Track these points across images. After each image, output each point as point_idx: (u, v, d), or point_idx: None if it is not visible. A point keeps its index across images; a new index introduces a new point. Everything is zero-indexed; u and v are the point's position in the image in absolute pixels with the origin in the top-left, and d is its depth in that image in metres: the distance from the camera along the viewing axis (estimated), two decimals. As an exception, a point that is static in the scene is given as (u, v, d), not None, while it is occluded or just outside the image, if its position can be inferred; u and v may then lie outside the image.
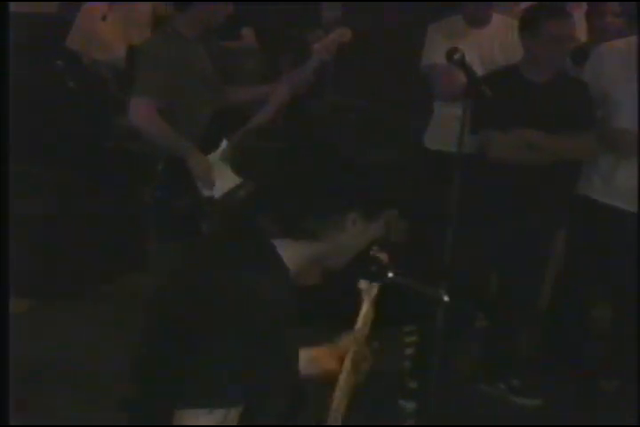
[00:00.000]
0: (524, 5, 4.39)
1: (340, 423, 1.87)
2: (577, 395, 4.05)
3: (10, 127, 2.92)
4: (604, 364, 4.19)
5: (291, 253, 1.69)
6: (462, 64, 3.38)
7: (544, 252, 4.01)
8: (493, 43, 4.25)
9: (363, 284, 2.04)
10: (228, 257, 1.65)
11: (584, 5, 4.70)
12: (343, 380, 1.90)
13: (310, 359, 1.74)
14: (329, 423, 1.86)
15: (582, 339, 4.16)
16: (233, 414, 1.54)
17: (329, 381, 1.84)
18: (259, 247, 1.66)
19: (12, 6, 6.41)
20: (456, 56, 3.37)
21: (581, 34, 4.43)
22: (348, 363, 1.91)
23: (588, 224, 3.97)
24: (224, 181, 3.64)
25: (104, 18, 6.14)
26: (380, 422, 3.74)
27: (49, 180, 5.16)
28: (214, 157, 3.69)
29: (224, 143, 3.72)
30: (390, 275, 2.04)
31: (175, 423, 1.53)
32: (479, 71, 3.67)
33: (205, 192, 3.68)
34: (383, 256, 1.98)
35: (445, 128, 4.04)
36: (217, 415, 1.52)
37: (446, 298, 2.23)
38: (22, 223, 4.61)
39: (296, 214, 1.65)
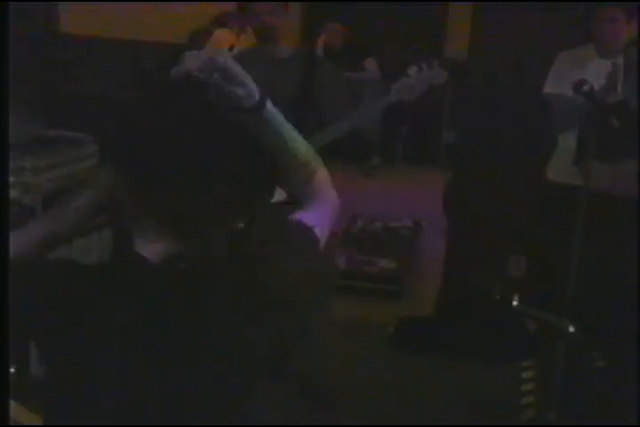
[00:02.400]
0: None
1: None
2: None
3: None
4: None
5: None
6: (590, 96, 3.34)
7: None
8: (619, 74, 4.18)
9: None
10: None
11: None
12: None
13: None
14: None
15: None
16: None
17: None
18: None
19: (141, 36, 6.61)
20: (585, 88, 3.33)
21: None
22: None
23: None
24: None
25: (231, 48, 6.27)
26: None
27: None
28: None
29: None
30: (515, 303, 2.01)
31: None
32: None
33: None
34: None
35: (568, 160, 3.98)
36: None
37: (572, 329, 2.18)
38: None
39: None
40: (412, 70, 3.51)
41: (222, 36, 6.36)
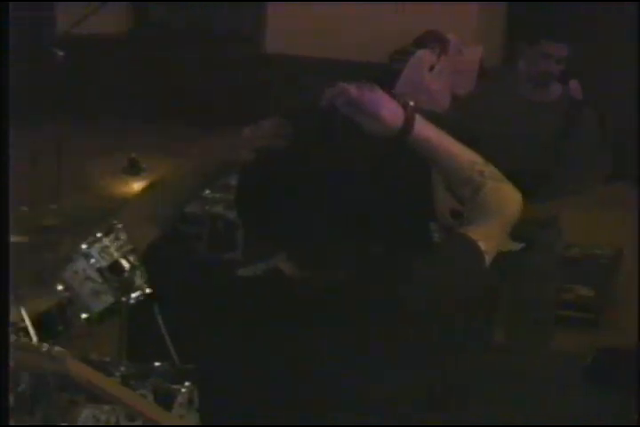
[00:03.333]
0: None
1: None
2: None
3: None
4: None
5: None
6: None
7: None
8: None
9: None
10: None
11: None
12: None
13: None
14: None
15: None
16: None
17: None
18: None
19: (343, 56, 6.69)
20: None
21: None
22: None
23: None
24: None
25: (432, 68, 6.29)
26: None
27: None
28: None
29: None
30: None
31: None
32: None
33: None
34: None
35: None
36: None
37: None
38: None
39: None
40: None
41: (423, 57, 6.38)
